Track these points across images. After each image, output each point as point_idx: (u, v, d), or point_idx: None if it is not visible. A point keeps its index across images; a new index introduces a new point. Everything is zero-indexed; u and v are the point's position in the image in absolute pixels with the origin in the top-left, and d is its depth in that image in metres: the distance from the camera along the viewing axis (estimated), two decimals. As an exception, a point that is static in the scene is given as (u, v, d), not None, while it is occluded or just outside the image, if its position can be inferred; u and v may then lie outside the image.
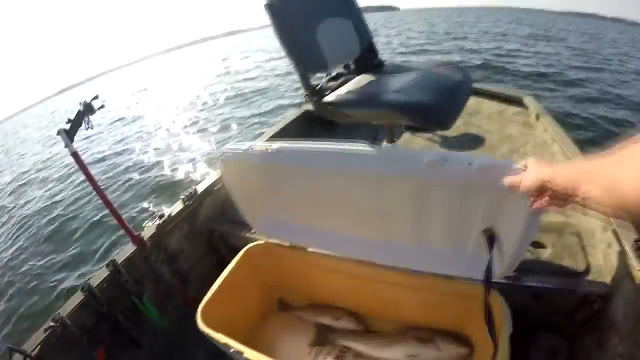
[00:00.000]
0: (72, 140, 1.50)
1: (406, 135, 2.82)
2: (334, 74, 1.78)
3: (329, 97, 1.45)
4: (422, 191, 1.14)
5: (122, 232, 1.74)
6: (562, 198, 0.77)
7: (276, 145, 1.20)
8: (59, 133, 1.49)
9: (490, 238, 1.18)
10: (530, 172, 0.84)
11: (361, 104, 1.36)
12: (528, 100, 2.89)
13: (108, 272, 1.60)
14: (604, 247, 1.51)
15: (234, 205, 1.53)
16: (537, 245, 1.58)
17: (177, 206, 1.89)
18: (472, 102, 3.18)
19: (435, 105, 1.28)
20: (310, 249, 1.53)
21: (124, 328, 1.64)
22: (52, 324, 1.42)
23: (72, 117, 1.51)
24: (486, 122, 2.85)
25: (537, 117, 2.59)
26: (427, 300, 1.41)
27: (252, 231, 1.76)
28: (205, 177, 2.23)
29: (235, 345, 1.21)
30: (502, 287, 1.43)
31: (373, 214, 1.30)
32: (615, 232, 1.44)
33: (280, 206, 1.50)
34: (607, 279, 1.42)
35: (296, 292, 1.74)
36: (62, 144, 1.51)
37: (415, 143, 2.74)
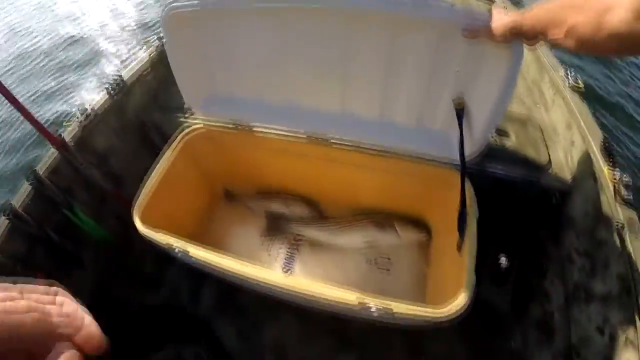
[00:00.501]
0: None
1: None
2: None
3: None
4: (396, 44, 1.01)
5: (39, 137, 1.41)
6: (532, 38, 0.80)
7: None
8: None
9: (461, 110, 1.06)
10: (497, 20, 0.84)
11: None
12: None
13: (30, 187, 1.33)
14: (566, 145, 1.46)
15: (167, 89, 1.34)
16: (501, 132, 1.51)
17: (102, 99, 1.58)
18: None
19: None
20: (256, 128, 1.33)
21: (60, 247, 1.42)
22: None
23: None
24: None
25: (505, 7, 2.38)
26: (386, 183, 1.31)
27: (190, 113, 1.51)
28: (132, 60, 1.84)
29: (178, 243, 1.06)
30: (469, 173, 1.37)
31: (336, 76, 1.13)
32: (580, 131, 1.38)
33: (228, 74, 1.27)
34: (568, 176, 1.39)
35: (242, 180, 1.58)
36: None
37: None
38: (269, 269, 1.02)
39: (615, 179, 1.20)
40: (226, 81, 1.29)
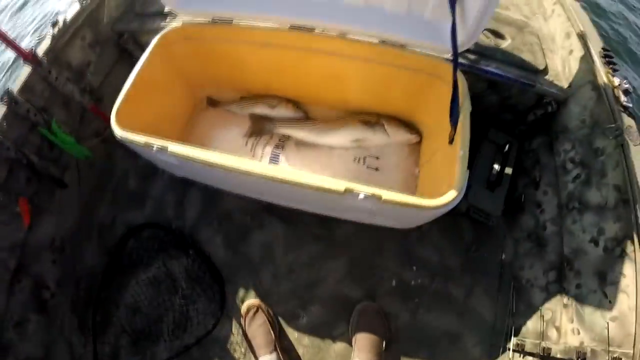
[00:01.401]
0: None
1: None
2: None
3: None
4: None
5: (10, 53, 1.32)
6: None
7: None
8: None
9: None
10: None
11: None
12: None
13: (4, 107, 1.25)
14: (564, 54, 1.40)
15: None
16: (497, 35, 1.44)
17: (74, 8, 1.49)
18: None
19: None
20: (236, 21, 1.25)
21: (41, 169, 1.36)
22: None
23: None
24: None
25: None
26: (375, 76, 1.24)
27: (169, 19, 1.44)
28: None
29: (156, 141, 1.00)
30: (461, 68, 1.31)
31: None
32: (581, 37, 1.32)
33: None
34: (564, 84, 1.33)
35: (225, 85, 1.51)
36: None
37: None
38: (246, 159, 0.95)
39: (614, 84, 1.15)
40: None
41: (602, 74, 1.19)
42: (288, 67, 1.32)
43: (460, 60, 1.28)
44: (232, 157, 0.94)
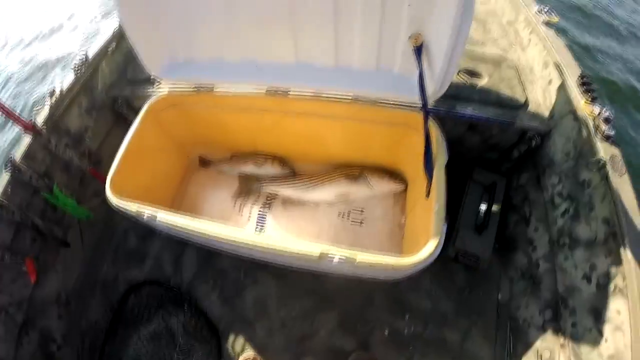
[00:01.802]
0: None
1: None
2: None
3: None
4: None
5: (12, 125, 1.42)
6: None
7: None
8: None
9: (419, 47, 1.02)
10: None
11: None
12: None
13: (8, 175, 1.34)
14: (543, 84, 1.40)
15: (133, 63, 1.31)
16: (473, 74, 1.45)
17: (69, 78, 1.58)
18: None
19: None
20: (218, 89, 1.31)
21: (45, 231, 1.44)
22: None
23: None
24: None
25: None
26: (353, 132, 1.27)
27: (158, 84, 1.51)
28: (96, 38, 1.82)
29: (146, 209, 1.06)
30: (435, 114, 1.32)
31: (285, 25, 1.10)
32: (557, 67, 1.32)
33: (183, 37, 1.25)
34: (547, 116, 1.32)
35: (215, 145, 1.57)
36: None
37: None
38: (236, 227, 1.00)
39: (594, 113, 1.15)
40: (182, 44, 1.27)
41: (581, 102, 1.19)
42: (269, 128, 1.37)
43: (436, 106, 1.30)
44: (215, 226, 0.99)
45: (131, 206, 1.10)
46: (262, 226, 1.32)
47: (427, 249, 0.90)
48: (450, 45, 0.94)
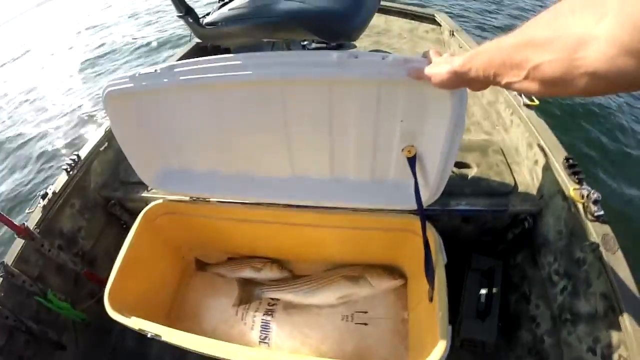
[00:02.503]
0: None
1: None
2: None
3: (210, 17, 1.16)
4: (334, 101, 0.98)
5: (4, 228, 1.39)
6: (480, 85, 0.68)
7: (166, 64, 1.01)
8: None
9: (412, 158, 1.05)
10: (438, 65, 0.73)
11: (248, 17, 1.09)
12: (441, 16, 2.69)
13: (1, 279, 1.31)
14: (530, 164, 1.45)
15: (126, 164, 1.29)
16: (462, 165, 1.50)
17: (61, 179, 1.56)
18: (381, 20, 2.95)
19: (338, 13, 1.06)
20: (214, 200, 1.32)
21: (39, 334, 1.39)
22: None
23: None
24: (396, 41, 2.65)
25: (452, 33, 2.41)
26: (352, 238, 1.29)
27: (150, 189, 1.50)
28: (88, 139, 1.82)
29: (151, 329, 1.05)
30: (431, 214, 1.35)
31: (281, 142, 1.11)
32: (541, 149, 1.37)
33: (177, 150, 1.26)
34: (536, 196, 1.36)
35: (212, 248, 1.56)
36: None
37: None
38: (241, 347, 0.99)
39: (583, 197, 1.19)
40: (176, 157, 1.28)
41: (569, 188, 1.22)
42: (267, 236, 1.38)
43: (430, 207, 1.33)
44: (218, 345, 0.99)
45: (133, 323, 1.08)
46: (267, 334, 1.30)
47: (436, 354, 0.90)
48: (443, 155, 0.98)
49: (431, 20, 2.78)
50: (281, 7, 1.07)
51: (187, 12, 1.13)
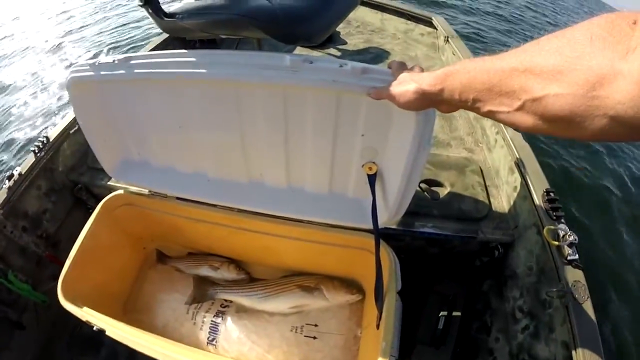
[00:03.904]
0: None
1: None
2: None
3: (173, 8, 1.11)
4: (289, 107, 0.93)
5: None
6: (451, 108, 0.62)
7: (123, 55, 0.98)
8: None
9: (372, 176, 1.00)
10: (403, 83, 0.66)
11: (205, 11, 1.03)
12: (438, 20, 2.58)
13: None
14: (509, 190, 1.38)
15: None
16: (434, 183, 1.43)
17: (29, 160, 1.54)
18: (377, 18, 2.86)
19: (295, 14, 0.99)
20: (172, 195, 1.29)
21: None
22: None
23: None
24: (389, 42, 2.57)
25: (446, 39, 2.31)
26: (309, 249, 1.25)
27: (114, 180, 1.48)
28: (58, 120, 1.80)
29: (97, 322, 1.07)
30: (391, 234, 1.30)
31: (236, 145, 1.08)
32: (522, 175, 1.30)
33: (137, 142, 1.24)
34: (510, 224, 1.30)
35: (172, 242, 1.54)
36: None
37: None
38: (185, 349, 0.98)
39: (559, 237, 1.12)
40: (135, 149, 1.25)
41: (545, 224, 1.16)
42: (223, 237, 1.35)
43: (392, 226, 1.28)
44: (163, 345, 1.00)
45: (81, 314, 1.09)
46: (215, 336, 1.29)
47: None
48: (406, 175, 0.93)
49: (428, 23, 2.68)
50: (239, 4, 1.00)
51: (146, 2, 1.07)
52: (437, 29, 2.54)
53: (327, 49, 2.33)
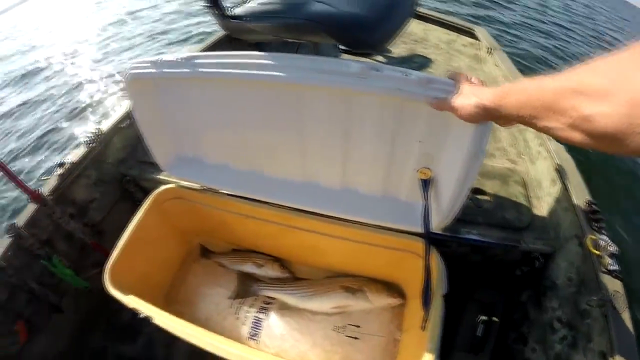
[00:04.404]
0: None
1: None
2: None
3: (238, 10, 1.15)
4: (351, 111, 0.96)
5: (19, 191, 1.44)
6: (509, 123, 0.65)
7: (187, 54, 1.01)
8: None
9: (426, 181, 1.03)
10: (465, 97, 0.70)
11: (271, 14, 1.07)
12: (481, 32, 2.62)
13: (9, 239, 1.36)
14: (550, 201, 1.39)
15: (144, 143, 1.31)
16: (479, 192, 1.45)
17: (80, 151, 1.59)
18: (420, 28, 2.89)
19: (363, 22, 1.01)
20: (223, 191, 1.32)
21: (40, 295, 1.45)
22: None
23: None
24: (433, 52, 2.59)
25: (489, 50, 2.34)
26: (355, 250, 1.27)
27: (164, 174, 1.52)
28: (111, 114, 1.86)
29: (144, 309, 1.08)
30: (439, 240, 1.32)
31: (294, 145, 1.11)
32: (565, 187, 1.31)
33: (192, 138, 1.28)
34: (551, 235, 1.31)
35: (217, 237, 1.58)
36: None
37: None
38: (229, 341, 1.00)
39: (599, 247, 1.13)
40: (191, 145, 1.30)
41: (587, 235, 1.16)
42: (271, 235, 1.38)
43: (439, 232, 1.30)
44: (208, 336, 1.01)
45: (128, 301, 1.11)
46: (257, 332, 1.31)
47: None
48: (459, 182, 0.95)
49: (470, 34, 2.71)
50: (306, 9, 1.02)
51: (213, 3, 1.11)
52: (479, 41, 2.58)
53: (373, 56, 2.37)
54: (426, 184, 1.02)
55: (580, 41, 7.11)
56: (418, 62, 2.46)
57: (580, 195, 1.27)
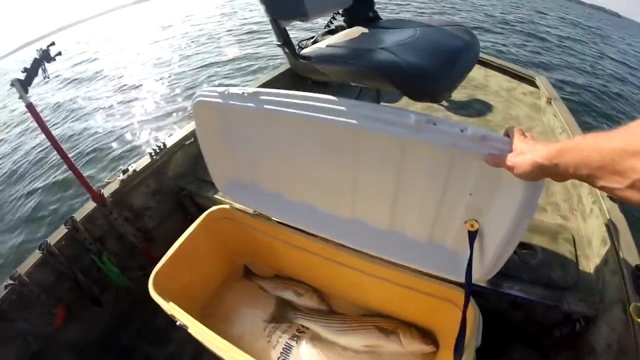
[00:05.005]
0: (27, 91, 1.30)
1: (397, 104, 2.56)
2: (333, 26, 1.55)
3: (307, 50, 1.24)
4: (405, 159, 1.00)
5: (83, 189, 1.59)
6: (564, 179, 0.63)
7: (253, 89, 1.09)
8: (12, 84, 1.29)
9: (473, 233, 1.04)
10: (520, 155, 0.70)
11: (338, 60, 1.14)
12: (541, 80, 2.59)
13: (66, 230, 1.50)
14: (598, 262, 1.35)
15: (204, 162, 1.41)
16: (526, 247, 1.43)
17: (144, 161, 1.74)
18: (480, 74, 2.91)
19: (425, 72, 1.06)
20: (274, 219, 1.40)
21: (83, 285, 1.58)
22: (10, 282, 1.36)
23: (28, 66, 1.31)
24: (492, 99, 2.59)
25: (549, 100, 2.31)
26: (394, 292, 1.29)
27: (219, 194, 1.63)
28: (175, 131, 2.04)
29: (181, 318, 1.14)
30: (479, 291, 1.31)
31: (347, 184, 1.16)
32: (615, 249, 1.28)
33: (250, 165, 1.37)
34: (596, 298, 1.27)
35: (261, 261, 1.65)
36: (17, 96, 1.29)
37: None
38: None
39: None
40: (249, 171, 1.39)
41: (632, 302, 1.11)
42: (316, 267, 1.43)
43: (481, 284, 1.29)
44: (237, 353, 1.04)
45: (167, 307, 1.18)
46: (286, 357, 1.34)
47: None
48: (506, 237, 0.94)
49: (531, 82, 2.70)
50: (371, 57, 1.06)
51: (284, 43, 1.20)
52: (539, 89, 2.56)
53: (428, 101, 2.42)
54: (473, 236, 1.03)
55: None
56: (477, 108, 2.47)
57: (631, 259, 1.23)
